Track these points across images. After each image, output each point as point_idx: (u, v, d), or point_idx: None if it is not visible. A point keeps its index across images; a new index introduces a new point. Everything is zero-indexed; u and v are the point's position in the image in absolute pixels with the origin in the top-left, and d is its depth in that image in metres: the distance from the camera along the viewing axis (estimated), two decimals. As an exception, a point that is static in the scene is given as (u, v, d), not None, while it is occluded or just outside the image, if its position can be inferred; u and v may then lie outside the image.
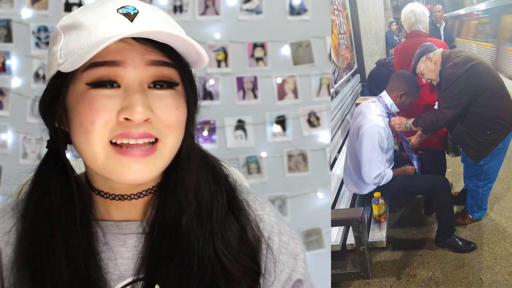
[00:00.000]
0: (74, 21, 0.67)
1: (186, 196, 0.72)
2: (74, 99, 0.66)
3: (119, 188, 0.72)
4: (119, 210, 0.74)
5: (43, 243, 0.68)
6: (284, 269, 0.80)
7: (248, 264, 0.74)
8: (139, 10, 0.67)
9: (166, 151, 0.68)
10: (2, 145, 2.20)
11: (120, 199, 0.73)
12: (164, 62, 0.67)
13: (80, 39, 0.65)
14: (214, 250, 0.71)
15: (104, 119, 0.64)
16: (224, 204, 0.75)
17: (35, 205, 0.71)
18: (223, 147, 2.28)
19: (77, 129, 0.66)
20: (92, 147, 0.65)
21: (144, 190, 0.73)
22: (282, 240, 0.81)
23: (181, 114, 0.69)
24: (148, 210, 0.74)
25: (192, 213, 0.72)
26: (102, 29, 0.64)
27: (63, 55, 0.66)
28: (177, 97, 0.68)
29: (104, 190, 0.73)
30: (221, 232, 0.73)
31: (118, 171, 0.65)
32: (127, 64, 0.65)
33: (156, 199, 0.74)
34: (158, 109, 0.66)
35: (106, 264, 0.71)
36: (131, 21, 0.65)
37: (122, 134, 0.64)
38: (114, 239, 0.73)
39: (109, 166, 0.65)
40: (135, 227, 0.74)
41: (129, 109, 0.63)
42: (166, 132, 0.67)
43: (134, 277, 0.72)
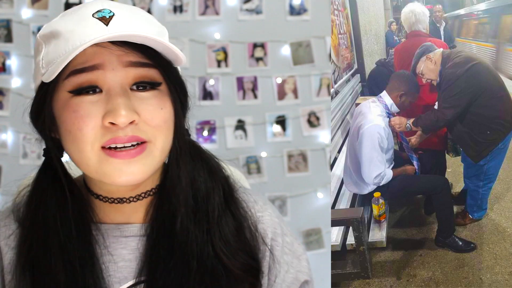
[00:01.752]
0: (52, 30, 0.67)
1: (181, 195, 0.72)
2: (59, 108, 0.66)
3: (117, 191, 0.72)
4: (119, 213, 0.74)
5: (40, 250, 0.69)
6: (289, 269, 0.80)
7: (246, 261, 0.74)
8: (114, 13, 0.66)
9: (157, 151, 0.68)
10: (2, 145, 2.20)
11: (119, 202, 0.73)
12: (143, 63, 0.67)
13: (58, 48, 0.65)
14: (212, 248, 0.72)
15: (90, 125, 0.64)
16: (221, 201, 0.75)
17: (32, 213, 0.71)
18: (223, 147, 2.27)
19: (67, 137, 0.66)
20: (84, 153, 0.65)
21: (142, 193, 0.73)
22: (286, 240, 0.81)
23: (167, 113, 0.68)
24: (149, 212, 0.74)
25: (189, 212, 0.72)
26: (78, 35, 0.64)
27: (44, 65, 0.66)
28: (160, 97, 0.68)
29: (102, 194, 0.73)
30: (219, 230, 0.73)
31: (110, 174, 0.65)
32: (105, 67, 0.65)
33: (156, 200, 0.74)
34: (143, 111, 0.66)
35: (107, 267, 0.71)
36: (106, 25, 0.65)
37: (111, 140, 0.64)
38: (115, 242, 0.73)
39: (101, 170, 0.66)
40: (137, 230, 0.74)
41: (112, 113, 0.63)
42: (154, 134, 0.67)
43: (136, 280, 0.72)
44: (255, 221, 0.78)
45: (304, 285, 0.82)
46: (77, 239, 0.69)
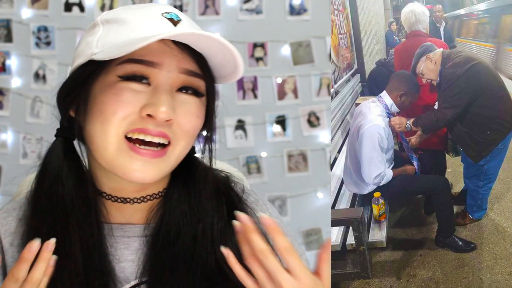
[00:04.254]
0: (118, 16, 0.69)
1: (190, 206, 0.73)
2: (100, 88, 0.67)
3: (122, 191, 0.72)
4: (120, 213, 0.74)
5: (58, 230, 0.67)
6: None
7: (251, 273, 0.74)
8: (181, 19, 0.69)
9: (174, 156, 0.69)
10: (2, 145, 2.20)
11: (123, 202, 0.73)
12: (196, 73, 0.69)
13: (121, 33, 0.67)
14: (215, 259, 0.72)
15: (125, 112, 0.65)
16: (224, 214, 0.76)
17: (46, 192, 0.70)
18: (223, 147, 2.27)
19: (96, 118, 0.66)
20: (106, 137, 0.65)
21: (148, 195, 0.74)
22: None
23: (199, 123, 0.71)
24: (152, 215, 0.74)
25: (196, 223, 0.73)
26: (146, 27, 0.66)
27: (100, 45, 0.67)
28: (199, 106, 0.70)
29: (106, 191, 0.73)
30: (223, 242, 0.73)
31: (125, 167, 0.66)
32: (163, 67, 0.66)
33: (161, 206, 0.74)
34: (181, 113, 0.67)
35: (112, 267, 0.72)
36: (175, 26, 0.68)
37: (140, 129, 0.65)
38: (118, 241, 0.73)
39: (117, 160, 0.66)
40: (139, 231, 0.74)
41: (154, 106, 0.64)
42: (180, 137, 0.68)
43: (138, 280, 0.72)
44: (259, 225, 0.79)
45: None
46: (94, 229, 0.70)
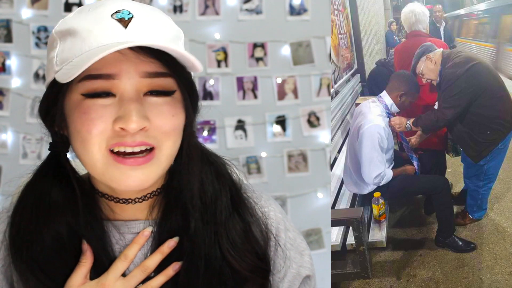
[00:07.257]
0: (69, 27, 0.66)
1: (191, 198, 0.72)
2: (70, 108, 0.66)
3: (122, 193, 0.73)
4: (124, 211, 0.74)
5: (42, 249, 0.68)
6: (291, 265, 0.81)
7: (255, 263, 0.74)
8: (133, 15, 0.66)
9: (163, 157, 0.68)
10: (2, 145, 2.19)
11: (124, 203, 0.73)
12: (159, 73, 0.66)
13: (74, 47, 0.65)
14: (220, 250, 0.72)
15: (99, 129, 0.64)
16: (228, 203, 0.75)
17: (31, 204, 0.71)
18: (223, 147, 2.27)
19: (75, 137, 0.66)
20: (91, 155, 0.65)
21: (148, 193, 0.74)
22: (288, 236, 0.82)
23: (178, 120, 0.68)
24: (154, 210, 0.74)
25: (197, 213, 0.72)
26: (95, 36, 0.64)
27: (58, 63, 0.66)
28: (173, 104, 0.68)
29: (108, 193, 0.73)
30: (226, 232, 0.73)
31: (117, 179, 0.66)
32: (122, 76, 0.64)
33: (161, 200, 0.74)
34: (154, 117, 0.65)
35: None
36: (125, 27, 0.64)
37: (118, 143, 0.64)
38: (125, 238, 0.74)
39: (107, 173, 0.66)
40: (144, 226, 0.74)
41: (124, 119, 0.63)
42: (162, 139, 0.67)
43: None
44: (265, 220, 0.79)
45: (306, 280, 0.83)
46: (91, 234, 0.70)
